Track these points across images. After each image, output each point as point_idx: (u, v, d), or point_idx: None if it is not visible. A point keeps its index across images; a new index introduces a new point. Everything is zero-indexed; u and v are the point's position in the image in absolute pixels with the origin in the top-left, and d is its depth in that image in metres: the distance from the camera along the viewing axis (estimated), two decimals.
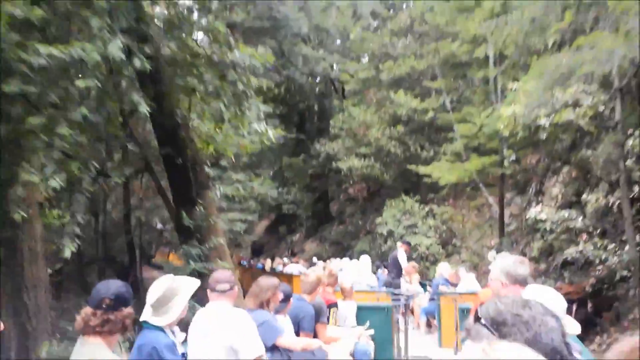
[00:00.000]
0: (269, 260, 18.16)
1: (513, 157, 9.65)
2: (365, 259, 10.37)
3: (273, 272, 15.83)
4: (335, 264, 11.58)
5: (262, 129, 7.20)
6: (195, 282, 2.91)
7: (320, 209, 24.51)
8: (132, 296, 2.49)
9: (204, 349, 2.94)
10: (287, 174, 25.55)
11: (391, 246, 16.02)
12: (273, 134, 7.30)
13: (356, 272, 9.46)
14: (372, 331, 5.25)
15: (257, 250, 29.45)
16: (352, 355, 4.61)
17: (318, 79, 21.98)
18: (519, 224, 11.89)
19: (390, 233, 15.91)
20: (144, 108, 5.19)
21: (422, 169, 12.10)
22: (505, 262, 3.03)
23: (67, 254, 5.20)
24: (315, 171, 22.35)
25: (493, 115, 10.22)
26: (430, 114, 15.93)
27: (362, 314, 5.62)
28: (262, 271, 18.19)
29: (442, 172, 11.51)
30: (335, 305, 5.21)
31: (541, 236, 10.49)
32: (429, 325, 8.76)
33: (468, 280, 8.49)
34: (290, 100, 24.78)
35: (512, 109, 9.24)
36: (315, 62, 19.42)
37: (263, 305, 3.59)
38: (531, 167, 10.67)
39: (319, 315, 4.46)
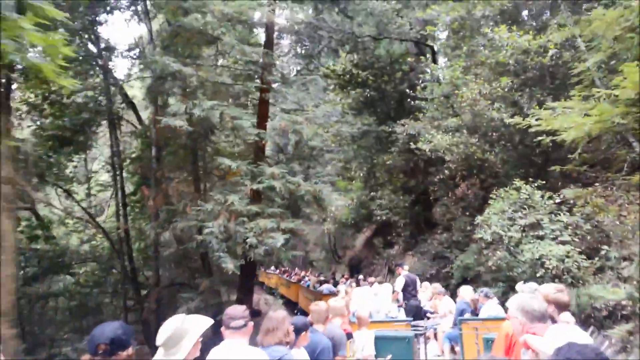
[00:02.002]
0: (313, 278, 18.34)
1: None
2: (386, 286, 9.58)
3: (314, 290, 15.42)
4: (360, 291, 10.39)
5: None
6: (207, 321, 2.84)
7: (419, 215, 19.32)
8: (132, 337, 2.40)
9: None
10: (377, 173, 20.92)
11: (503, 257, 10.59)
12: None
13: (374, 300, 9.06)
14: None
15: (355, 267, 25.15)
16: None
17: (397, 45, 17.08)
18: None
19: (499, 238, 10.46)
20: None
21: (531, 122, 6.82)
22: (520, 298, 2.98)
23: None
24: (402, 161, 17.38)
25: None
26: (552, 52, 10.30)
27: (382, 344, 5.38)
28: (307, 288, 17.51)
29: (566, 120, 6.15)
30: (350, 335, 5.02)
31: None
32: (453, 351, 8.42)
33: (489, 306, 7.85)
34: (379, 84, 20.11)
35: None
36: (387, 19, 14.72)
37: (277, 340, 3.37)
38: None
39: (337, 347, 4.34)
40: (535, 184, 10.56)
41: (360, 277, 14.90)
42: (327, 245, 30.76)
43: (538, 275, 9.40)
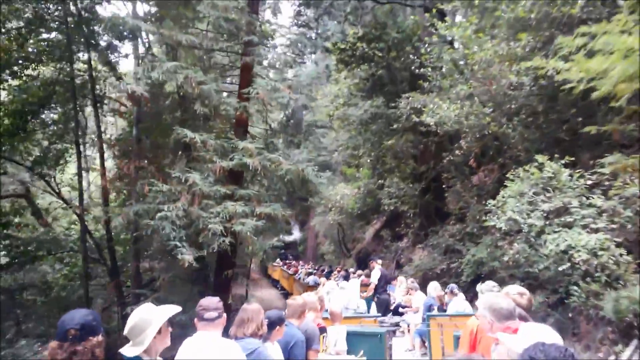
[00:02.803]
0: (304, 270, 18.35)
1: None
2: (354, 282, 9.84)
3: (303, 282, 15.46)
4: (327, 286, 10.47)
5: None
6: (174, 309, 2.67)
7: (429, 204, 17.45)
8: (101, 324, 2.29)
9: None
10: (385, 159, 19.03)
11: (522, 250, 8.71)
12: None
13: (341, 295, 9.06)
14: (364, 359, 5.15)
15: (363, 260, 23.38)
16: None
17: (409, 20, 15.15)
18: None
19: (516, 227, 8.60)
20: None
21: (558, 66, 5.00)
22: (488, 297, 2.97)
23: None
24: (410, 144, 15.55)
25: None
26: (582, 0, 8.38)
27: (355, 340, 5.40)
28: (299, 281, 17.29)
29: (607, 60, 4.35)
30: (324, 330, 5.03)
31: None
32: (424, 345, 8.35)
33: (456, 302, 8.00)
34: (387, 61, 18.12)
35: None
36: None
37: (251, 332, 3.36)
38: None
39: (310, 341, 4.33)
40: (562, 162, 8.66)
41: (351, 270, 13.54)
42: (336, 237, 29.05)
43: (559, 269, 7.55)
